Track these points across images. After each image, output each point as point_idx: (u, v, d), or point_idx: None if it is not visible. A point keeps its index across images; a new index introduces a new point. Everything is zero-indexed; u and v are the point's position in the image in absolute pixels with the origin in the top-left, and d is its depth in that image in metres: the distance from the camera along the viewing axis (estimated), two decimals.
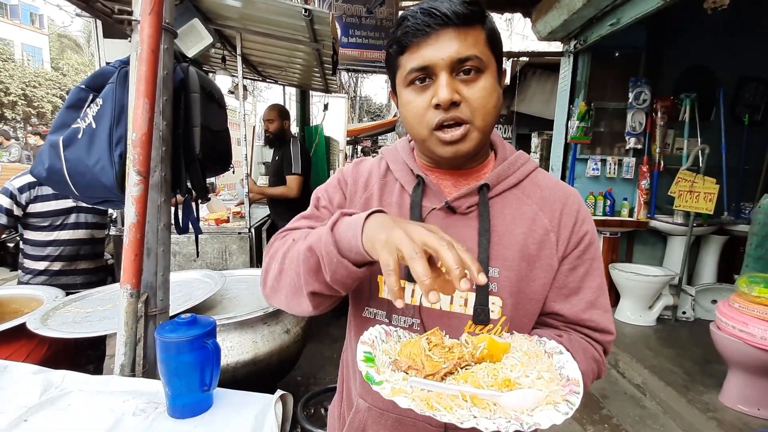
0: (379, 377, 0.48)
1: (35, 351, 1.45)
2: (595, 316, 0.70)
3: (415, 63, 0.63)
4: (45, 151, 1.20)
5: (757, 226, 2.76)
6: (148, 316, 1.13)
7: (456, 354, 0.51)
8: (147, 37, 1.01)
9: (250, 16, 2.56)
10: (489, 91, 0.63)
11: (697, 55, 3.80)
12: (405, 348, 0.54)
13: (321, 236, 0.59)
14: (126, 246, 1.03)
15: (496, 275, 0.67)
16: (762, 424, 2.25)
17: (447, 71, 0.61)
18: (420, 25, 0.61)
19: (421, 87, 0.64)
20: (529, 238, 0.68)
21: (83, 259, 2.14)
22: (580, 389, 0.49)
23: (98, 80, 1.22)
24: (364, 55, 4.94)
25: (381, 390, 0.46)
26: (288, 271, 0.64)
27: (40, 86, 19.86)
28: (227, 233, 2.88)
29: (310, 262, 0.60)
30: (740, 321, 2.22)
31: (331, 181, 0.82)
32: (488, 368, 0.51)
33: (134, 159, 1.02)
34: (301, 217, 0.80)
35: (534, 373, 0.50)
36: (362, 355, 0.53)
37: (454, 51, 0.61)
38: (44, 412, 0.87)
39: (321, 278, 0.59)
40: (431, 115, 0.64)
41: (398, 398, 0.45)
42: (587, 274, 0.71)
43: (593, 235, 0.72)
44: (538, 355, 0.56)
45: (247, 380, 1.57)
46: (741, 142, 3.84)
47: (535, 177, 0.74)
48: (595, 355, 0.69)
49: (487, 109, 0.64)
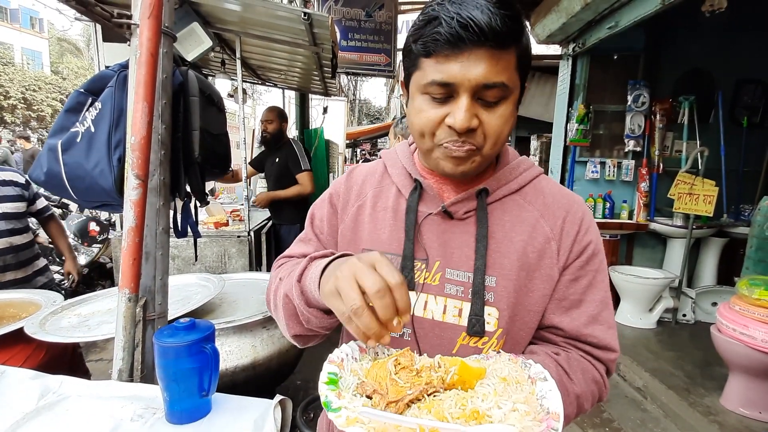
0: (337, 403, 0.45)
1: (33, 356, 1.44)
2: (596, 332, 0.66)
3: (438, 76, 0.58)
4: (44, 155, 1.20)
5: (756, 229, 2.76)
6: (147, 320, 1.12)
7: (423, 379, 0.48)
8: (146, 40, 1.01)
9: (250, 19, 2.56)
10: (506, 118, 0.60)
11: (696, 58, 3.81)
12: (372, 369, 0.50)
13: (292, 285, 0.59)
14: (124, 250, 1.03)
15: (493, 284, 0.64)
16: (764, 427, 2.24)
17: (469, 94, 0.57)
18: (452, 37, 0.54)
19: (439, 101, 0.60)
20: (528, 246, 0.65)
21: (10, 270, 1.98)
22: (559, 425, 0.44)
23: (97, 84, 1.22)
24: (364, 58, 4.96)
25: (336, 419, 0.43)
26: (278, 309, 0.65)
27: (39, 90, 19.89)
28: (226, 237, 2.87)
29: (289, 307, 0.61)
30: (741, 324, 2.22)
31: (323, 197, 0.81)
32: (457, 397, 0.47)
33: (133, 163, 1.02)
34: (298, 240, 0.81)
35: (508, 405, 0.46)
36: (326, 376, 0.49)
37: (482, 75, 0.56)
38: (41, 417, 0.86)
39: (300, 322, 0.60)
40: (442, 133, 0.61)
41: (352, 428, 0.42)
42: (590, 287, 0.67)
43: (598, 246, 0.68)
44: (519, 381, 0.51)
45: (246, 385, 1.56)
46: (740, 144, 3.85)
47: (538, 183, 0.71)
48: (596, 376, 0.65)
49: (500, 137, 0.61)
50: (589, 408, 0.64)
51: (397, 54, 5.17)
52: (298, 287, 0.58)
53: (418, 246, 0.68)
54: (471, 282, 0.64)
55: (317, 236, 0.78)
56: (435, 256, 0.67)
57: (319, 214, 0.79)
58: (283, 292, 0.61)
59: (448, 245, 0.67)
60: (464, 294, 0.65)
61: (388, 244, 0.70)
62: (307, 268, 0.59)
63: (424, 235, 0.68)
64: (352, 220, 0.75)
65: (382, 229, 0.71)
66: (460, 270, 0.66)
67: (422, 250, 0.68)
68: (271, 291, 0.70)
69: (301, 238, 0.80)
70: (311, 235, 0.79)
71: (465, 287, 0.65)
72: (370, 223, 0.73)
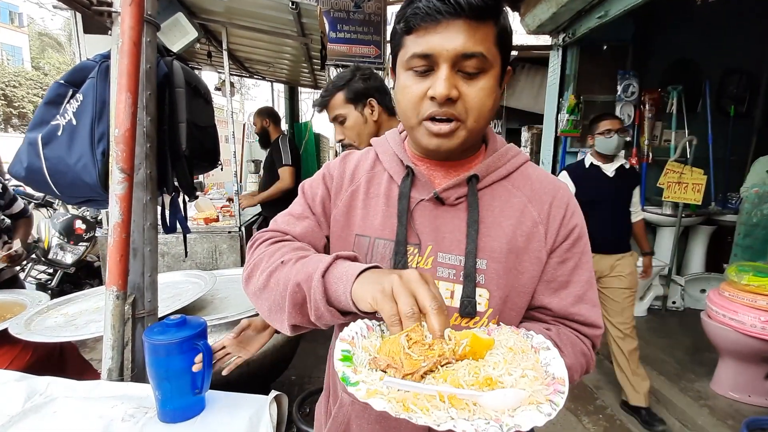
0: (355, 378, 0.46)
1: (19, 357, 1.41)
2: (583, 310, 0.70)
3: (418, 48, 0.60)
4: (23, 150, 1.16)
5: (744, 216, 2.80)
6: (136, 318, 1.09)
7: (436, 351, 0.49)
8: (128, 28, 0.97)
9: (236, 9, 2.50)
10: (488, 92, 0.62)
11: (683, 48, 3.83)
12: (384, 345, 0.52)
13: (311, 277, 0.58)
14: (111, 246, 1.00)
15: (484, 267, 0.67)
16: (753, 410, 2.28)
17: (449, 64, 0.59)
18: (430, 10, 0.58)
19: (421, 75, 0.62)
20: (517, 230, 0.68)
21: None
22: (565, 389, 0.47)
23: (78, 75, 1.17)
24: (353, 50, 4.90)
25: (356, 392, 0.45)
26: (273, 291, 0.63)
27: (20, 86, 19.41)
28: (217, 232, 2.83)
29: (297, 297, 0.59)
30: (730, 309, 2.25)
31: (316, 176, 0.81)
32: (470, 366, 0.49)
33: (117, 156, 0.99)
34: (289, 215, 0.78)
35: (518, 371, 0.49)
36: (340, 353, 0.51)
37: (460, 45, 0.58)
38: (28, 420, 0.84)
39: (305, 314, 0.59)
40: (425, 106, 0.62)
41: (373, 400, 0.43)
42: (576, 268, 0.70)
43: (583, 229, 0.72)
44: (524, 350, 0.55)
45: (240, 381, 1.54)
46: (727, 133, 3.90)
47: (525, 170, 0.74)
48: (584, 349, 0.69)
49: (482, 111, 0.63)
50: (578, 378, 0.69)
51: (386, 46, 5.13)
52: (322, 284, 0.56)
53: (411, 231, 0.69)
54: (462, 265, 0.67)
55: (314, 214, 0.77)
56: (427, 240, 0.69)
57: (311, 192, 0.79)
58: (295, 281, 0.59)
59: (439, 230, 0.69)
60: (456, 277, 0.67)
61: (381, 229, 0.71)
62: (333, 266, 0.58)
63: (416, 221, 0.70)
64: (346, 206, 0.75)
65: (374, 215, 0.72)
66: (451, 254, 0.68)
67: (415, 235, 0.69)
68: (263, 267, 0.66)
69: (294, 214, 0.78)
70: (307, 213, 0.77)
71: (457, 270, 0.67)
72: (363, 209, 0.74)
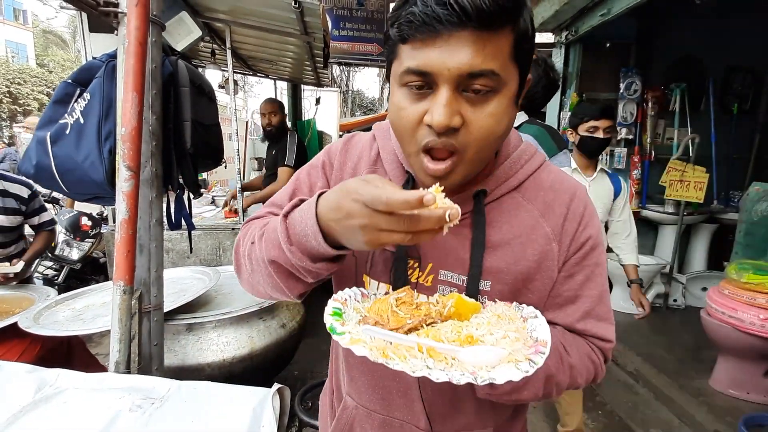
0: (341, 329, 0.47)
1: (28, 350, 1.44)
2: (589, 326, 0.63)
3: (413, 63, 0.49)
4: (33, 148, 1.18)
5: (745, 214, 2.80)
6: (142, 312, 1.12)
7: (423, 311, 0.51)
8: (134, 29, 0.99)
9: (240, 8, 2.52)
10: (499, 117, 0.51)
11: (687, 46, 3.82)
12: (374, 305, 0.53)
13: (279, 243, 0.52)
14: (118, 242, 1.02)
15: (488, 288, 0.61)
16: (751, 407, 2.29)
17: (450, 86, 0.48)
18: (428, 18, 0.46)
19: (417, 94, 0.51)
20: (528, 249, 0.61)
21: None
22: (546, 350, 0.46)
23: (85, 74, 1.20)
24: (356, 47, 4.90)
25: (341, 339, 0.45)
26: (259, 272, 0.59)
27: (25, 83, 19.48)
28: (221, 229, 2.86)
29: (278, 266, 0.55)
30: (730, 307, 2.26)
31: (315, 163, 0.73)
32: (453, 325, 0.50)
33: (124, 154, 1.01)
34: (271, 204, 0.72)
35: (500, 332, 0.48)
36: (331, 309, 0.51)
37: (465, 62, 0.47)
38: (39, 410, 0.86)
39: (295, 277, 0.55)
40: (421, 133, 0.52)
41: (355, 347, 0.44)
42: (587, 281, 0.63)
43: (597, 240, 0.64)
44: (512, 318, 0.54)
45: (243, 375, 1.57)
46: (730, 131, 3.88)
47: (539, 176, 0.65)
48: (592, 355, 0.63)
49: (488, 141, 0.52)
50: (583, 383, 0.63)
51: None
52: (286, 232, 0.52)
53: (411, 246, 0.64)
54: (465, 286, 0.61)
55: None
56: (428, 257, 0.63)
57: (308, 181, 0.72)
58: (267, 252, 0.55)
59: (441, 247, 0.63)
60: None
61: None
62: (289, 218, 0.53)
63: None
64: None
65: None
66: (454, 272, 0.62)
67: (414, 250, 0.64)
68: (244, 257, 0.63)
69: (277, 203, 0.71)
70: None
71: (459, 290, 0.62)
72: None
